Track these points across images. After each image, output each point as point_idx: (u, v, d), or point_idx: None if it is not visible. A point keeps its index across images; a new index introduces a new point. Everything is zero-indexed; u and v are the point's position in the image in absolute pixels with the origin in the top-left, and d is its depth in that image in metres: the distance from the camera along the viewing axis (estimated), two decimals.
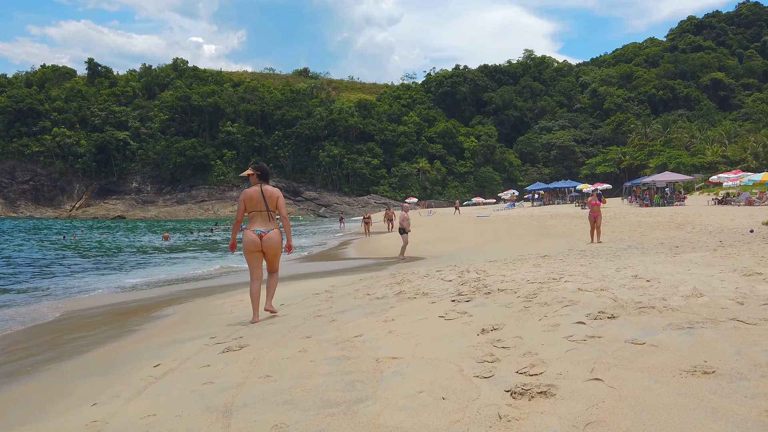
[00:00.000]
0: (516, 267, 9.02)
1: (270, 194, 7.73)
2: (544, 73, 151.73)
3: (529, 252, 17.07)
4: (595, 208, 19.74)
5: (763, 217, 23.93)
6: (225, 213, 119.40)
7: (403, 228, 20.44)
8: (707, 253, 10.52)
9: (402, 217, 20.59)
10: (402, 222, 20.49)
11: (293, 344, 5.51)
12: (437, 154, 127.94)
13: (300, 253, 26.72)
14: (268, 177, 7.95)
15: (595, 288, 5.86)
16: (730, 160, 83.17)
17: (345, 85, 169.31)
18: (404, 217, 20.55)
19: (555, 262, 10.42)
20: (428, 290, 7.22)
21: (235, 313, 9.03)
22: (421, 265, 16.28)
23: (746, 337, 3.88)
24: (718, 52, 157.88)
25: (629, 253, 13.49)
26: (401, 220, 20.56)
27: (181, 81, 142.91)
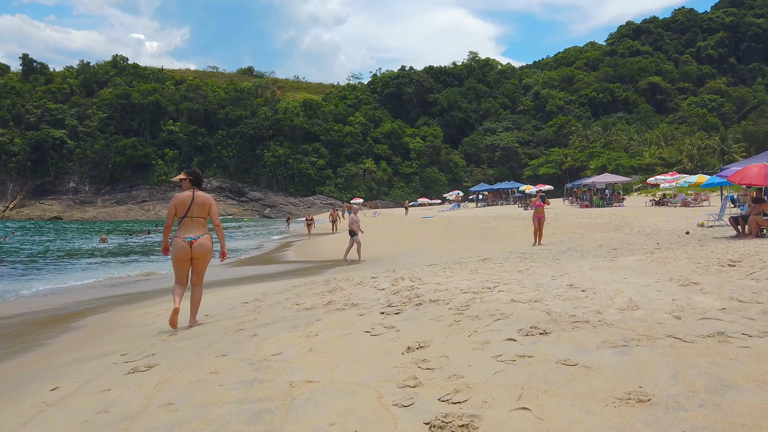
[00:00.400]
0: (453, 273, 8.74)
1: (202, 201, 7.49)
2: (488, 75, 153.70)
3: (470, 254, 16.91)
4: (539, 209, 19.65)
5: (698, 218, 24.45)
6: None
7: (352, 230, 20.04)
8: (644, 257, 10.47)
9: (351, 219, 20.29)
10: (351, 224, 20.16)
11: (206, 364, 5.06)
12: (383, 155, 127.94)
13: (238, 256, 25.96)
14: (201, 182, 7.73)
15: (529, 299, 5.60)
16: (667, 161, 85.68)
17: (290, 85, 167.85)
18: (353, 219, 20.24)
19: (494, 266, 10.20)
20: (359, 300, 6.85)
21: (156, 325, 8.47)
22: (359, 269, 15.91)
23: (683, 357, 3.64)
24: (655, 57, 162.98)
25: (568, 256, 13.42)
26: (350, 222, 20.25)
27: (121, 78, 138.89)
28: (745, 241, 13.59)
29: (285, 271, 18.32)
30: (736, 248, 11.38)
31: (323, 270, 17.23)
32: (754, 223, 14.62)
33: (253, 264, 21.75)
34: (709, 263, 7.46)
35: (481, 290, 6.35)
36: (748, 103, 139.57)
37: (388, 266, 15.46)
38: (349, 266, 18.22)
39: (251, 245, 34.74)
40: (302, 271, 17.27)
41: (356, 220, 20.28)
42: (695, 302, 5.00)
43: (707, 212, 27.06)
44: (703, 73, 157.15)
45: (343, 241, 29.08)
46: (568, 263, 10.07)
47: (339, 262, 20.23)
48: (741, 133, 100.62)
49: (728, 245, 12.71)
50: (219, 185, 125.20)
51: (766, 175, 14.92)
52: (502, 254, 15.80)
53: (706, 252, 10.75)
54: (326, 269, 17.49)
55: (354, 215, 20.45)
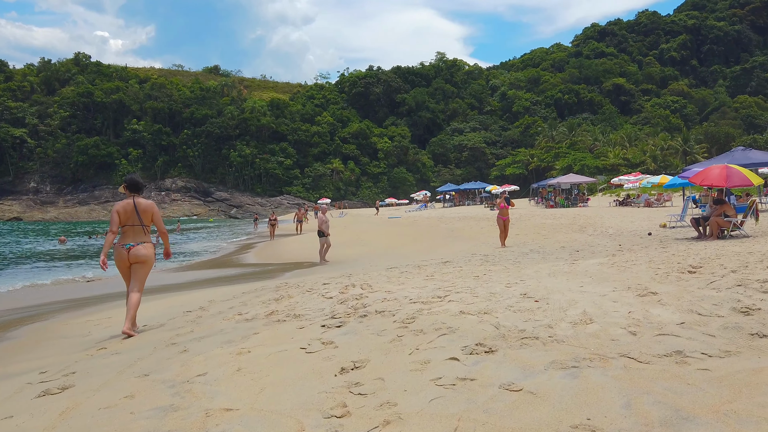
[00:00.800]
0: (407, 279, 8.36)
1: (144, 208, 7.59)
2: (456, 75, 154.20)
3: (433, 257, 16.58)
4: (503, 211, 18.89)
5: (661, 219, 24.50)
6: None
7: (321, 231, 19.58)
8: (605, 260, 10.24)
9: (320, 219, 19.77)
10: (320, 225, 19.64)
11: (124, 386, 4.60)
12: (351, 155, 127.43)
13: (195, 259, 25.23)
14: (141, 189, 7.79)
15: (479, 310, 5.24)
16: (631, 162, 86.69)
17: (257, 84, 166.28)
18: (322, 219, 19.72)
19: (452, 271, 9.86)
20: (303, 310, 6.42)
21: (91, 336, 7.94)
22: (317, 272, 15.47)
23: (637, 381, 3.30)
24: (620, 59, 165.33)
25: (530, 258, 13.16)
26: (319, 222, 19.73)
27: (83, 76, 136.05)
28: (707, 243, 13.49)
29: (241, 274, 17.76)
30: (697, 251, 11.22)
31: (281, 273, 16.75)
32: (715, 224, 14.54)
33: (209, 267, 21.07)
34: (669, 269, 7.20)
35: (430, 300, 5.98)
36: (710, 105, 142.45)
37: (348, 269, 15.05)
38: (308, 269, 17.76)
39: (211, 247, 33.87)
40: (259, 275, 16.73)
41: (325, 220, 19.77)
42: (652, 315, 4.68)
43: (669, 213, 27.21)
44: (666, 75, 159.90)
45: (308, 242, 28.53)
46: (528, 267, 9.77)
47: (300, 264, 19.75)
48: (703, 134, 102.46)
49: (689, 247, 12.58)
50: (184, 185, 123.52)
51: (726, 177, 14.86)
52: (464, 256, 15.50)
53: (667, 255, 10.55)
54: (284, 272, 17.01)
55: (323, 215, 19.95)
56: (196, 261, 24.56)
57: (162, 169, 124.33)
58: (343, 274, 11.25)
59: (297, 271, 17.02)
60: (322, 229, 19.57)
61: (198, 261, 24.49)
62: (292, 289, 8.56)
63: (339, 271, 13.93)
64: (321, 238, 19.67)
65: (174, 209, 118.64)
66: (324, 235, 19.53)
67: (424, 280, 7.96)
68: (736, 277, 5.93)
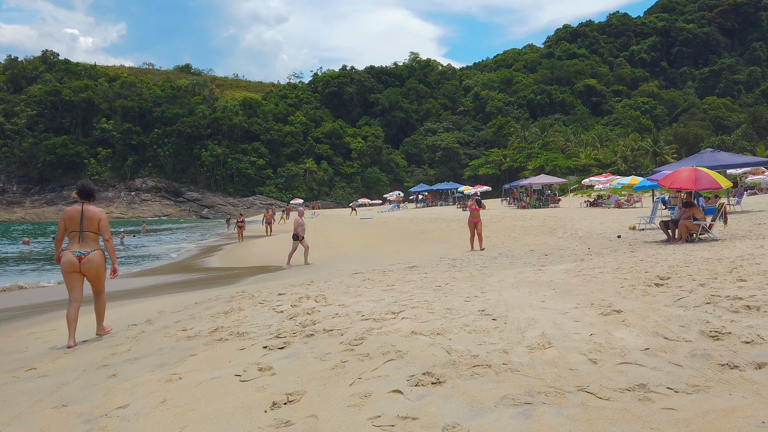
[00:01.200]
0: (366, 289, 7.96)
1: (91, 215, 7.45)
2: (429, 75, 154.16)
3: (401, 260, 16.21)
4: (474, 213, 18.08)
5: (630, 220, 24.46)
6: None
7: (297, 234, 18.96)
8: (572, 267, 9.95)
9: (296, 222, 19.10)
10: (296, 228, 19.00)
11: (36, 419, 4.15)
12: (324, 155, 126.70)
13: (156, 263, 24.38)
14: (91, 195, 7.68)
15: (432, 330, 4.86)
16: (602, 162, 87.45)
17: (230, 83, 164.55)
18: (298, 222, 19.06)
19: (415, 279, 9.49)
20: (250, 327, 5.98)
21: (27, 353, 7.40)
22: (280, 277, 14.97)
23: (595, 423, 2.95)
24: (591, 60, 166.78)
25: (497, 264, 12.86)
26: (295, 225, 19.06)
27: (51, 74, 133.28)
28: (675, 247, 13.32)
29: (202, 279, 17.16)
30: (665, 256, 11.00)
31: (242, 278, 16.22)
32: (684, 227, 14.38)
33: (170, 272, 20.27)
34: (635, 281, 6.88)
35: (383, 317, 5.58)
36: (679, 106, 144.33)
37: (313, 273, 14.61)
38: (273, 273, 17.27)
39: (176, 249, 32.91)
40: (219, 281, 16.17)
41: (301, 223, 19.12)
42: (615, 339, 4.32)
43: (639, 214, 27.20)
44: (636, 76, 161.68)
45: (277, 244, 27.93)
46: (493, 274, 9.44)
47: (266, 268, 19.19)
48: (672, 134, 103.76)
49: (658, 252, 12.38)
50: (155, 185, 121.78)
51: (695, 179, 14.69)
52: (432, 260, 15.15)
53: (635, 260, 10.30)
54: (246, 277, 16.48)
55: (299, 218, 19.18)
56: (157, 265, 23.71)
57: (132, 168, 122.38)
58: (304, 282, 10.81)
59: (260, 276, 16.51)
60: (297, 232, 18.96)
61: (159, 265, 23.62)
62: (245, 300, 8.11)
63: (303, 276, 13.49)
64: (294, 242, 19.08)
65: (144, 209, 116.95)
66: (298, 238, 18.96)
67: (383, 291, 7.57)
68: (705, 292, 5.62)
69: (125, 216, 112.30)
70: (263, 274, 17.38)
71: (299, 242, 19.05)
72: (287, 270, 17.77)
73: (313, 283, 10.26)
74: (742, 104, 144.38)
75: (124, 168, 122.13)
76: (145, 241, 42.82)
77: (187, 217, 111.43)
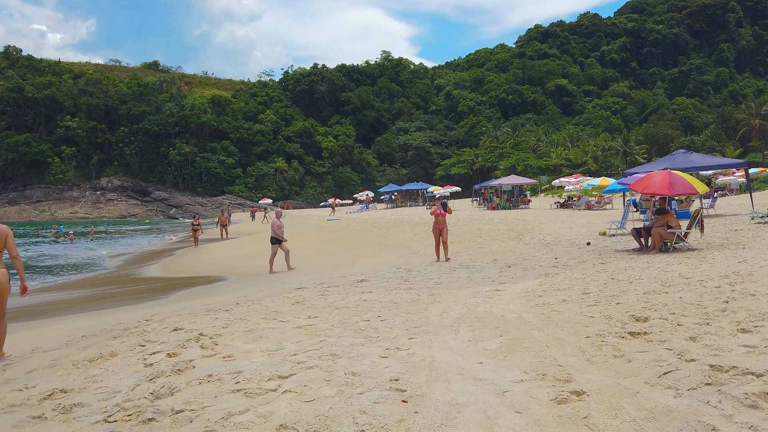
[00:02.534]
0: (279, 324, 6.58)
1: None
2: (401, 74, 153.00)
3: (352, 271, 14.92)
4: (439, 219, 16.03)
5: (601, 224, 23.47)
6: (63, 215, 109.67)
7: (276, 237, 17.44)
8: (535, 285, 8.75)
9: (274, 224, 17.59)
10: (275, 230, 17.48)
11: None
12: (295, 154, 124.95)
13: (82, 274, 22.04)
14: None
15: (310, 422, 3.42)
16: (573, 162, 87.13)
17: (198, 81, 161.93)
18: (277, 224, 17.54)
19: (349, 305, 8.17)
20: (90, 394, 4.46)
21: None
22: (206, 294, 13.42)
23: None
24: (562, 60, 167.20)
25: (455, 278, 11.63)
26: (274, 227, 17.56)
27: (13, 71, 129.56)
28: (649, 258, 12.23)
29: (123, 294, 15.35)
30: (639, 271, 9.86)
31: (171, 293, 14.72)
32: (658, 236, 13.27)
33: (92, 286, 18.24)
34: (605, 323, 5.54)
35: (262, 386, 4.07)
36: (649, 106, 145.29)
37: (250, 287, 13.26)
38: (207, 286, 15.83)
39: (118, 255, 30.63)
40: (143, 296, 14.48)
41: (280, 225, 17.62)
42: None
43: (610, 217, 26.26)
44: (607, 77, 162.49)
45: (230, 250, 26.44)
46: (441, 299, 8.17)
47: (207, 278, 17.68)
48: (642, 134, 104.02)
49: (630, 264, 11.26)
50: (121, 184, 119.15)
51: (669, 184, 13.52)
52: (386, 272, 13.90)
53: (605, 278, 9.13)
54: (178, 290, 15.00)
55: (277, 220, 17.76)
56: (84, 277, 21.37)
57: (97, 167, 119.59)
58: (227, 304, 9.40)
59: (193, 290, 14.97)
60: (277, 235, 17.43)
61: (86, 277, 21.35)
62: (129, 337, 6.63)
63: (240, 292, 12.12)
64: (273, 245, 17.50)
65: (110, 209, 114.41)
66: (279, 241, 17.42)
67: (295, 330, 6.18)
68: (701, 354, 4.23)
69: (90, 216, 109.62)
70: (201, 286, 15.91)
71: (279, 246, 17.50)
72: (228, 282, 16.34)
73: (235, 307, 8.88)
74: (711, 105, 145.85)
75: (89, 167, 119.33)
76: (93, 245, 40.55)
77: (154, 217, 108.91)
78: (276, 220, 17.91)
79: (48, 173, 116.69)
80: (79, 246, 39.45)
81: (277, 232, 17.55)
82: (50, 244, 41.66)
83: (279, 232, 17.56)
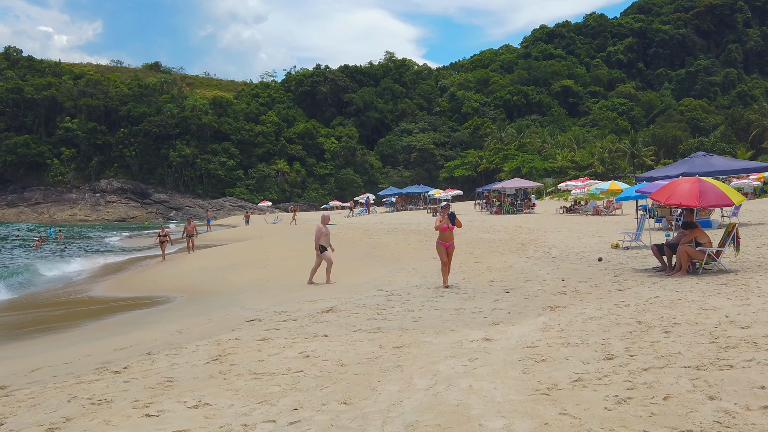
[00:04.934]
0: (208, 388, 4.69)
1: None
2: (405, 75, 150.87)
3: (325, 294, 12.90)
4: (446, 234, 12.91)
5: (611, 232, 21.41)
6: (62, 217, 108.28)
7: (321, 245, 15.37)
8: (536, 333, 6.76)
9: (318, 231, 15.47)
10: (318, 237, 15.40)
11: None
12: (297, 155, 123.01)
13: (16, 292, 18.83)
14: None
15: None
16: (579, 164, 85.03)
17: (200, 82, 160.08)
18: (321, 231, 15.42)
19: (286, 365, 6.27)
20: None
21: None
22: (138, 325, 11.16)
23: None
24: (568, 61, 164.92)
25: (437, 311, 9.63)
26: (318, 234, 15.42)
27: (13, 71, 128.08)
28: (676, 283, 10.21)
29: (35, 322, 13.19)
30: (667, 306, 7.85)
31: (100, 319, 12.69)
32: (685, 255, 11.19)
33: (15, 310, 15.65)
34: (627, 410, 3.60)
35: None
36: (656, 107, 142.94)
37: (193, 315, 11.29)
38: (147, 310, 13.80)
39: (76, 265, 27.43)
40: (57, 325, 12.35)
41: (327, 232, 15.59)
42: None
43: (620, 224, 24.19)
44: (613, 77, 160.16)
45: (195, 264, 23.81)
46: (399, 367, 6.19)
47: (156, 300, 15.38)
48: (650, 136, 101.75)
49: (655, 293, 9.25)
50: (121, 186, 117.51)
51: (699, 193, 11.29)
52: (363, 295, 11.91)
53: (626, 317, 7.12)
54: (110, 315, 12.97)
55: (323, 225, 15.59)
56: (15, 296, 18.25)
57: (97, 169, 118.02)
58: (113, 366, 7.29)
59: (123, 317, 12.81)
60: (321, 243, 15.36)
61: (18, 296, 18.30)
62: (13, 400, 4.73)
63: (169, 324, 10.14)
64: (319, 254, 15.43)
65: (109, 212, 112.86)
66: (324, 249, 15.37)
67: (191, 409, 4.29)
68: None
69: (89, 219, 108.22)
70: (140, 310, 13.78)
71: (323, 256, 15.42)
72: (175, 305, 14.22)
73: (134, 364, 6.92)
74: (719, 106, 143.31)
75: (88, 168, 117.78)
76: (49, 253, 36.60)
77: (153, 219, 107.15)
78: (322, 225, 15.62)
79: (47, 175, 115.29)
80: (39, 253, 36.01)
81: (320, 240, 15.39)
82: (9, 250, 38.31)
83: (323, 240, 15.41)
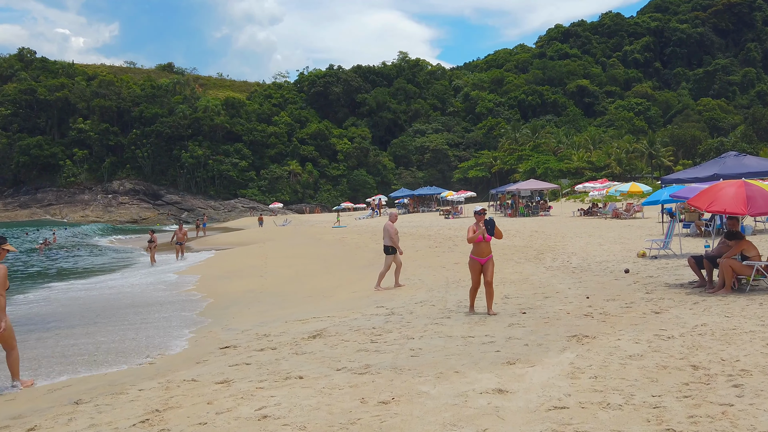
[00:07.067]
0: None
1: None
2: (418, 75, 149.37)
3: (320, 310, 11.61)
4: (482, 247, 10.24)
5: (634, 237, 19.90)
6: (75, 218, 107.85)
7: (390, 246, 14.09)
8: (563, 380, 5.39)
9: (388, 228, 14.20)
10: (391, 236, 14.09)
11: None
12: (309, 156, 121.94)
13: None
14: None
15: None
16: (595, 165, 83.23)
17: (213, 82, 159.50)
18: (393, 229, 14.15)
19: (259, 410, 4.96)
20: None
21: None
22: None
23: None
24: (584, 60, 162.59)
25: (441, 341, 8.26)
26: (390, 232, 14.17)
27: (26, 73, 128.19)
28: (723, 304, 8.79)
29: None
30: (729, 346, 6.45)
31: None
32: (730, 270, 9.73)
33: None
34: None
35: None
36: (673, 107, 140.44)
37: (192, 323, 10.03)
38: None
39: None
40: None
41: (396, 230, 14.34)
42: None
43: (643, 229, 22.65)
44: (629, 77, 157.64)
45: (209, 268, 22.95)
46: (404, 428, 4.87)
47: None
48: (668, 136, 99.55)
49: (702, 320, 7.84)
50: (133, 187, 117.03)
51: (747, 199, 9.77)
52: (360, 313, 10.59)
53: (679, 368, 5.74)
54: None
55: (392, 224, 14.29)
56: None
57: (109, 170, 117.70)
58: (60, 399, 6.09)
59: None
60: (393, 243, 14.07)
61: None
62: None
63: None
64: (388, 256, 14.19)
65: (121, 213, 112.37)
66: (393, 251, 14.10)
67: None
68: None
69: (101, 219, 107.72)
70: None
71: (393, 258, 14.14)
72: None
73: (80, 402, 5.62)
74: (737, 106, 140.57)
75: (101, 170, 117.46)
76: (47, 258, 34.77)
77: (165, 221, 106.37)
78: (390, 224, 14.35)
79: (60, 176, 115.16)
80: (29, 259, 34.29)
81: (393, 238, 14.07)
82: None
83: (395, 238, 14.10)
